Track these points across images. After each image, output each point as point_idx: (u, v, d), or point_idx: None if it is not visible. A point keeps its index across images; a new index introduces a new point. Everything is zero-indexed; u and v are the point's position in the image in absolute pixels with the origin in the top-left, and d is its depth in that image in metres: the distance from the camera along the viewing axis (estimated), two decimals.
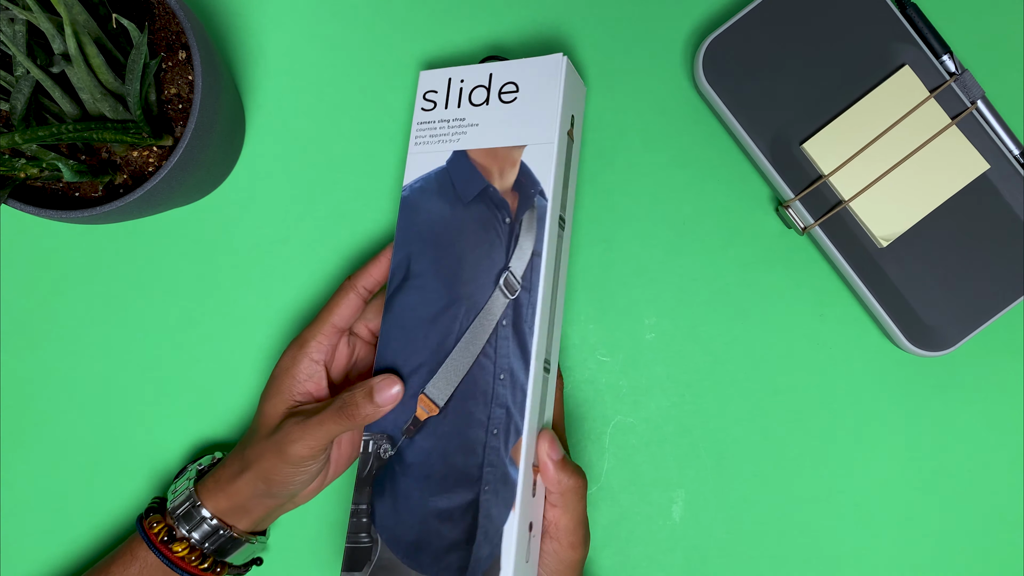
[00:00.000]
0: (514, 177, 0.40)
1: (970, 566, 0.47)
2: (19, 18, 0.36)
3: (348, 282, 0.42)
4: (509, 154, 0.41)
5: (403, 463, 0.39)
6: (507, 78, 0.42)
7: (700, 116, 0.48)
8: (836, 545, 0.47)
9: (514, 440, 0.37)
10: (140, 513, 0.43)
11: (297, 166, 0.49)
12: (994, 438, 0.47)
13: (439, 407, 0.39)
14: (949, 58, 0.46)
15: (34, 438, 0.48)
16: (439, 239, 0.41)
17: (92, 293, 0.48)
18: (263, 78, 0.49)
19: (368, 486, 0.39)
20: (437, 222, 0.41)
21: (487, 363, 0.38)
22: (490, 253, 0.39)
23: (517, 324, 0.38)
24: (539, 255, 0.38)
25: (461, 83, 0.43)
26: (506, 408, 0.37)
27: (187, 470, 0.44)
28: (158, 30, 0.42)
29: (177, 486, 0.43)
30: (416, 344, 0.40)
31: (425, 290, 0.40)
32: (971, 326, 0.45)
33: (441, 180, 0.42)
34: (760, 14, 0.45)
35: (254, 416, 0.44)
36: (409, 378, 0.40)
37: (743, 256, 0.48)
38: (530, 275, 0.38)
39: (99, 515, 0.48)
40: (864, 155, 0.45)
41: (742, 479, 0.47)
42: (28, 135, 0.37)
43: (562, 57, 0.41)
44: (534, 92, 0.41)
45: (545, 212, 0.39)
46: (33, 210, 0.39)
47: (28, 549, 0.48)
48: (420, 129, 0.43)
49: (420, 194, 0.42)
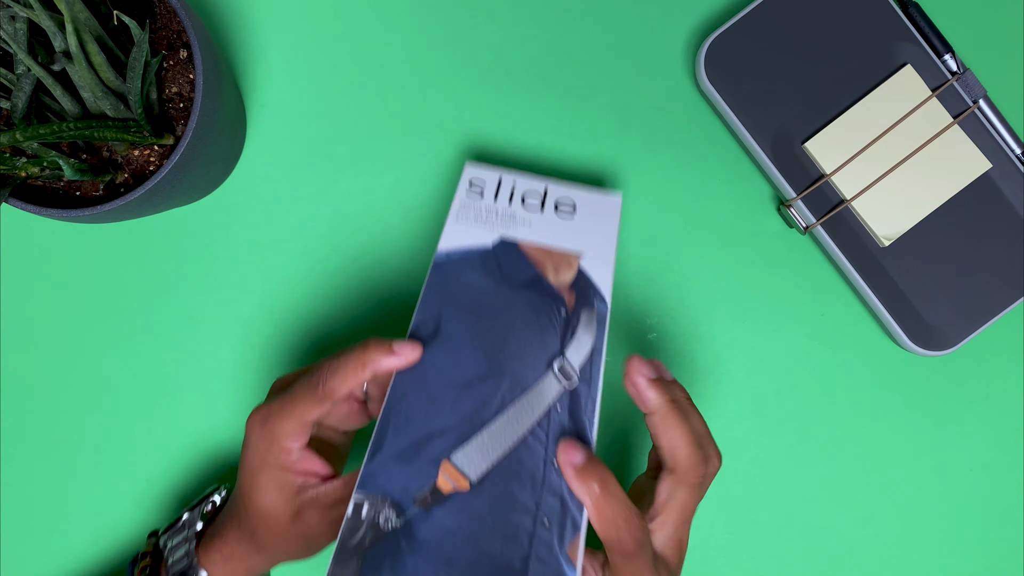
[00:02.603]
0: (571, 277, 0.39)
1: (971, 566, 0.47)
2: (20, 16, 0.36)
3: (319, 383, 0.35)
4: (565, 257, 0.40)
5: (413, 539, 0.32)
6: (563, 196, 0.42)
7: (701, 115, 0.48)
8: (837, 545, 0.47)
9: (571, 537, 0.32)
10: (135, 555, 0.41)
11: (298, 165, 0.49)
12: (996, 438, 0.47)
13: (471, 481, 0.33)
14: (951, 57, 0.46)
15: (33, 437, 0.48)
16: (479, 307, 0.38)
17: (92, 292, 0.48)
18: (265, 77, 0.49)
19: (356, 559, 0.32)
20: (478, 291, 0.38)
21: (538, 447, 0.34)
22: (542, 336, 0.37)
23: (575, 413, 0.35)
24: (599, 352, 0.36)
25: (513, 184, 0.42)
26: (561, 499, 0.33)
27: (184, 524, 0.41)
28: (159, 28, 0.42)
29: (174, 542, 0.40)
30: (442, 406, 0.35)
31: (459, 353, 0.36)
32: (973, 325, 0.45)
33: (485, 258, 0.40)
34: (762, 13, 0.45)
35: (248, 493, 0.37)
36: (429, 440, 0.34)
37: (745, 255, 0.48)
38: (590, 369, 0.36)
39: (98, 515, 0.48)
40: (866, 154, 0.45)
41: (743, 479, 0.47)
42: (29, 133, 0.36)
43: (619, 198, 0.42)
44: (590, 218, 0.41)
45: (606, 315, 0.38)
46: (34, 209, 0.39)
47: (28, 549, 0.48)
48: (463, 209, 0.41)
49: (460, 263, 0.39)
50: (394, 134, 0.49)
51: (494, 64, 0.48)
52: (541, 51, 0.48)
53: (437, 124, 0.48)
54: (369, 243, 0.48)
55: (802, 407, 0.47)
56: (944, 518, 0.47)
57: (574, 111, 0.48)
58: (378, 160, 0.48)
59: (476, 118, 0.48)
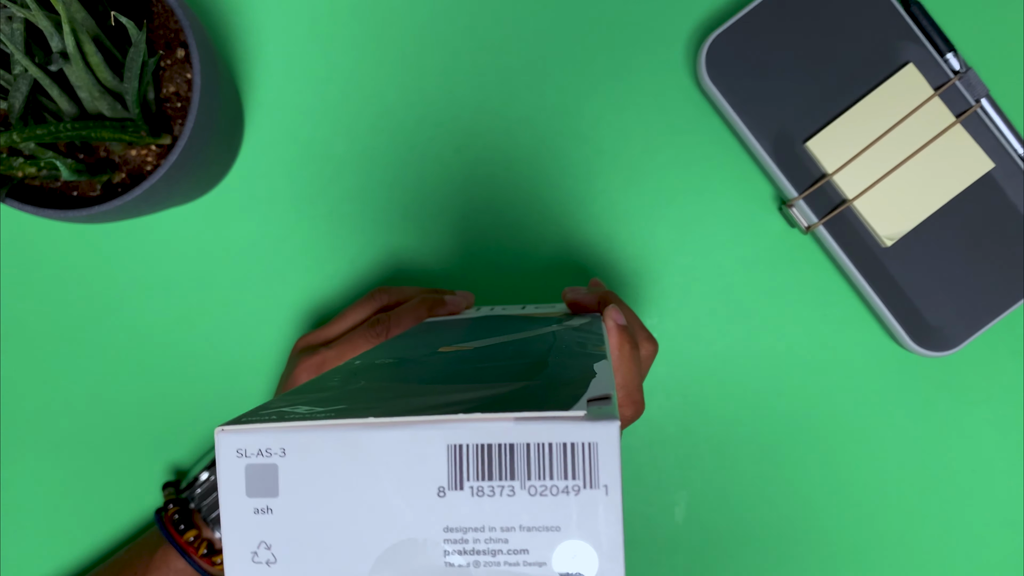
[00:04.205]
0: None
1: (972, 566, 0.47)
2: (17, 16, 0.36)
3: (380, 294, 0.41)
4: None
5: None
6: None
7: (703, 114, 0.48)
8: (839, 546, 0.47)
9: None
10: (162, 514, 0.42)
11: (296, 165, 0.48)
12: (998, 438, 0.47)
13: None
14: (953, 56, 0.45)
15: (32, 437, 0.48)
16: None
17: (90, 292, 0.48)
18: (262, 76, 0.49)
19: None
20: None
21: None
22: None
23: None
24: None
25: None
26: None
27: (207, 479, 0.43)
28: (157, 28, 0.41)
29: (202, 491, 0.42)
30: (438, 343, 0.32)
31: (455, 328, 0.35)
32: (976, 326, 0.45)
33: None
34: (763, 11, 0.45)
35: None
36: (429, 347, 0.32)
37: (746, 255, 0.48)
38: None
39: (98, 515, 0.47)
40: (868, 154, 0.45)
41: (745, 480, 0.47)
42: (26, 134, 0.36)
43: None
44: None
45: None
46: (31, 209, 0.39)
47: (28, 549, 0.47)
48: None
49: None
50: (392, 133, 0.48)
51: (493, 62, 0.48)
52: (541, 49, 0.48)
53: (435, 123, 0.48)
54: (367, 243, 0.48)
55: (804, 408, 0.47)
56: (945, 519, 0.47)
57: (574, 109, 0.48)
58: (377, 159, 0.48)
59: (475, 117, 0.48)
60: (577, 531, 0.20)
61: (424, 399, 0.22)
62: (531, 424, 0.20)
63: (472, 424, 0.20)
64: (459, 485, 0.20)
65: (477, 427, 0.20)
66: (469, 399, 0.21)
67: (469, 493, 0.20)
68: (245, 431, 0.20)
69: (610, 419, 0.20)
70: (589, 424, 0.20)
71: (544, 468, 0.20)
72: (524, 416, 0.20)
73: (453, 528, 0.20)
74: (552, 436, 0.20)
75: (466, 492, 0.20)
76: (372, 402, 0.22)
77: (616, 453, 0.20)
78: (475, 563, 0.20)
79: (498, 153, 0.48)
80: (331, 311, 0.48)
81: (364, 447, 0.20)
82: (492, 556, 0.20)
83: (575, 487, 0.20)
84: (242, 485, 0.20)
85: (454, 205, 0.48)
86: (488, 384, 0.23)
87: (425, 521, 0.20)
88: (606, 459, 0.20)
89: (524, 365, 0.26)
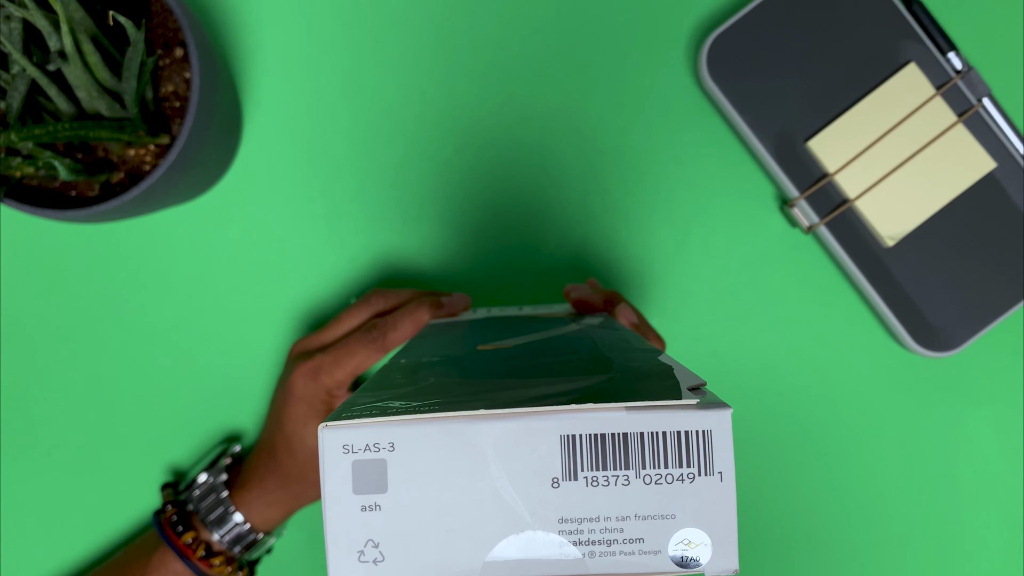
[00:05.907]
0: None
1: (973, 567, 0.47)
2: (15, 15, 0.35)
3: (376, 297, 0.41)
4: None
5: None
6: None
7: (703, 114, 0.48)
8: (840, 546, 0.47)
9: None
10: (160, 515, 0.42)
11: (295, 164, 0.48)
12: (1000, 439, 0.47)
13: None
14: (955, 55, 0.45)
15: (31, 437, 0.48)
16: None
17: (89, 292, 0.48)
18: (261, 75, 0.48)
19: None
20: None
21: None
22: None
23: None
24: None
25: None
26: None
27: (205, 480, 0.43)
28: (155, 27, 0.41)
29: (199, 493, 0.42)
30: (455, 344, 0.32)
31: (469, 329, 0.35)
32: (978, 326, 0.44)
33: None
34: (764, 10, 0.45)
35: (282, 433, 0.41)
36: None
37: (747, 255, 0.48)
38: None
39: (96, 516, 0.47)
40: (869, 153, 0.44)
41: (746, 481, 0.47)
42: (24, 134, 0.36)
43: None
44: None
45: None
46: (29, 209, 0.39)
47: (26, 550, 0.47)
48: None
49: None
50: (392, 133, 0.48)
51: (493, 61, 0.48)
52: (542, 49, 0.48)
53: (434, 122, 0.48)
54: (367, 243, 0.48)
55: (805, 408, 0.47)
56: (946, 519, 0.47)
57: (574, 109, 0.48)
58: (376, 159, 0.48)
59: (474, 116, 0.48)
60: (692, 518, 0.20)
61: (515, 392, 0.21)
62: (644, 413, 0.20)
63: (585, 415, 0.20)
64: (573, 476, 0.20)
65: (590, 417, 0.20)
66: (559, 392, 0.21)
67: (584, 483, 0.20)
68: (352, 426, 0.20)
69: (722, 407, 0.20)
70: (703, 412, 0.20)
71: (658, 456, 0.20)
72: (636, 405, 0.20)
73: (568, 519, 0.20)
74: (666, 424, 0.20)
75: (580, 482, 0.20)
76: (465, 396, 0.21)
77: (729, 440, 0.20)
78: (590, 554, 0.20)
79: (498, 153, 0.48)
80: (330, 311, 0.48)
81: (474, 440, 0.20)
82: (607, 546, 0.20)
83: (690, 475, 0.20)
84: (349, 482, 0.20)
85: (454, 205, 0.48)
86: (563, 378, 0.23)
87: (539, 513, 0.20)
88: (720, 446, 0.20)
89: (583, 360, 0.25)
